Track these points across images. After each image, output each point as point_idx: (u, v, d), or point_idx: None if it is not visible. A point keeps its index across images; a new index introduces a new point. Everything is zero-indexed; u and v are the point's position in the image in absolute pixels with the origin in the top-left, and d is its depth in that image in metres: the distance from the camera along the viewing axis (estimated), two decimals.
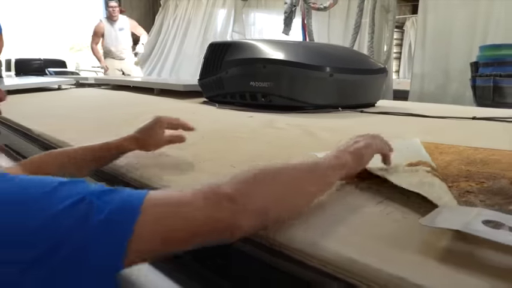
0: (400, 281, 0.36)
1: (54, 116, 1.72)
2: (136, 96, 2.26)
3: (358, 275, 0.38)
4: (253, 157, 0.82)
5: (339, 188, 0.59)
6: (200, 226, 0.39)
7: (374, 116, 1.39)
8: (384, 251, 0.40)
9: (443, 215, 0.41)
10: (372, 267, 0.38)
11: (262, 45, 1.59)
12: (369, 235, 0.44)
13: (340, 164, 0.53)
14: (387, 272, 0.36)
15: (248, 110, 1.51)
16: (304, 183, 0.49)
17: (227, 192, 0.41)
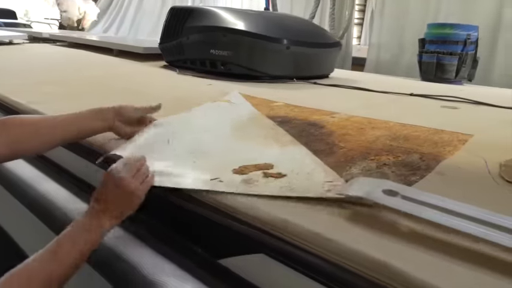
0: (315, 236, 0.46)
1: (8, 74, 1.69)
2: (94, 56, 2.23)
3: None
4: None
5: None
6: None
7: (325, 88, 1.49)
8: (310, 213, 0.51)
9: (353, 186, 0.52)
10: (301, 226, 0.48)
11: (224, 14, 1.63)
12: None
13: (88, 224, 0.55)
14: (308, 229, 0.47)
15: (208, 77, 1.57)
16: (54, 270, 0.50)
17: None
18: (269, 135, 0.82)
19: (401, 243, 0.45)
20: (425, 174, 0.62)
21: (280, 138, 0.80)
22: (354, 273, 0.43)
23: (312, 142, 0.78)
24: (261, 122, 0.92)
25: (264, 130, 0.86)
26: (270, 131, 0.85)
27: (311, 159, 0.67)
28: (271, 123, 0.91)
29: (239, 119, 0.92)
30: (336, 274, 0.45)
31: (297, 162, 0.66)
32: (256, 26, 1.54)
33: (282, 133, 0.83)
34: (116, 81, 1.54)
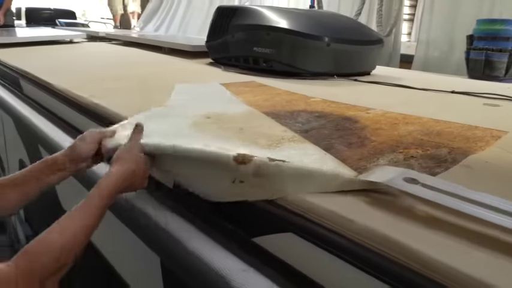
0: (338, 217, 0.52)
1: (72, 71, 1.85)
2: (147, 54, 2.37)
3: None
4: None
5: None
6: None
7: (364, 85, 1.51)
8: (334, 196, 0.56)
9: (375, 174, 0.56)
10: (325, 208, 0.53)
11: (268, 13, 1.69)
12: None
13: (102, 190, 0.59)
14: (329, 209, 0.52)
15: (251, 74, 1.64)
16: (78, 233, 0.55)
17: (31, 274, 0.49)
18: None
19: (418, 226, 0.49)
20: (450, 167, 0.64)
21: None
22: (373, 251, 0.48)
23: (345, 135, 0.82)
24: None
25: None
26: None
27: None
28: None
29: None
30: (356, 251, 0.50)
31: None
32: (298, 24, 1.59)
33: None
34: (168, 77, 1.65)
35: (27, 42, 2.67)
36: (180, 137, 0.72)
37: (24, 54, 2.35)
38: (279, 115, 1.00)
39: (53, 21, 4.72)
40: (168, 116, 0.90)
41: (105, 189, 0.60)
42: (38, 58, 2.26)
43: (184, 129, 0.79)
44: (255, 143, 0.70)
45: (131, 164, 0.65)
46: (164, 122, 0.84)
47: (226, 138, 0.72)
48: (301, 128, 0.89)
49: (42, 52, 2.50)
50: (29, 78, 1.70)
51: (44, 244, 0.53)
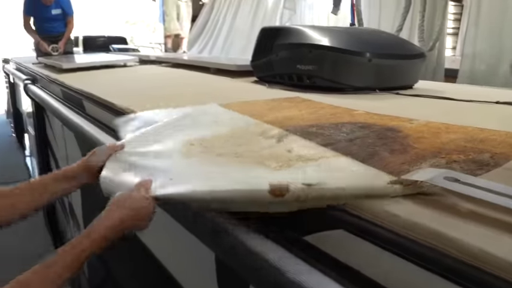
0: (394, 218, 0.57)
1: (129, 92, 2.02)
2: (195, 74, 2.52)
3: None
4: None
5: None
6: None
7: (406, 98, 1.54)
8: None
9: (418, 174, 0.61)
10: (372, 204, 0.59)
11: (310, 31, 1.77)
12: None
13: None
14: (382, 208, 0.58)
15: (295, 90, 1.71)
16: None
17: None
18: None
19: (460, 220, 0.53)
20: (491, 169, 0.68)
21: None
22: (417, 242, 0.52)
23: (388, 143, 0.87)
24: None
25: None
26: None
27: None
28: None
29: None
30: (401, 243, 0.54)
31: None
32: (339, 41, 1.65)
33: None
34: (217, 94, 1.76)
35: (86, 67, 2.91)
36: (186, 176, 0.69)
37: (84, 78, 2.57)
38: (323, 127, 1.06)
39: (106, 48, 5.09)
40: (157, 141, 0.86)
41: (97, 232, 0.59)
42: (97, 81, 2.47)
43: (181, 163, 0.76)
44: (266, 166, 0.69)
45: (131, 210, 0.63)
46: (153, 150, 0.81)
47: (237, 167, 0.70)
48: (345, 137, 0.94)
49: (100, 76, 2.72)
50: (92, 99, 1.87)
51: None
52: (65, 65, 2.87)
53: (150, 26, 13.43)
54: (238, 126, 0.96)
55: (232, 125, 0.98)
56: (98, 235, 0.59)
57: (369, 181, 0.62)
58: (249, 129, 0.95)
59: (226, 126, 0.96)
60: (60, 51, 4.23)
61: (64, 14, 4.28)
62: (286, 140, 0.85)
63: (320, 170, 0.67)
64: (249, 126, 0.97)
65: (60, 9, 4.26)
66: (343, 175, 0.65)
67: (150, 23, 13.42)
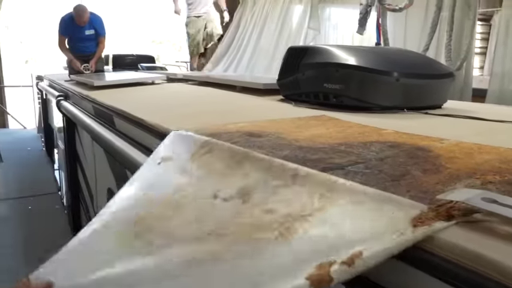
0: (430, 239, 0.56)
1: (158, 108, 2.07)
2: (220, 92, 2.56)
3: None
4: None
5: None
6: None
7: (436, 118, 1.52)
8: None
9: (454, 194, 0.60)
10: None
11: (337, 51, 1.79)
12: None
13: None
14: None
15: (321, 109, 1.72)
16: None
17: None
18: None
19: (499, 241, 0.52)
20: None
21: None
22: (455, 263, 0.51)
23: (420, 162, 0.86)
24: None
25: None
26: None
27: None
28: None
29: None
30: (438, 265, 0.53)
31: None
32: (366, 61, 1.66)
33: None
34: (243, 112, 1.79)
35: (116, 85, 3.01)
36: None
37: (114, 95, 2.66)
38: (352, 145, 1.06)
39: (135, 66, 5.26)
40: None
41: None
42: (127, 98, 2.54)
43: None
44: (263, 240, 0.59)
45: None
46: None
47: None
48: (375, 156, 0.94)
49: (130, 93, 2.80)
50: (122, 115, 1.93)
51: None
52: (96, 82, 2.97)
53: (176, 45, 13.79)
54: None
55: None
56: None
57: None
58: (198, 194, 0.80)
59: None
60: (92, 70, 4.39)
61: (96, 34, 4.46)
62: (252, 197, 0.72)
63: (336, 231, 0.58)
64: (197, 190, 0.82)
65: (93, 30, 4.44)
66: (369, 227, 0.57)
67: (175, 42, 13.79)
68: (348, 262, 0.51)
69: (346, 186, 0.66)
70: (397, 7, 3.17)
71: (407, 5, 3.14)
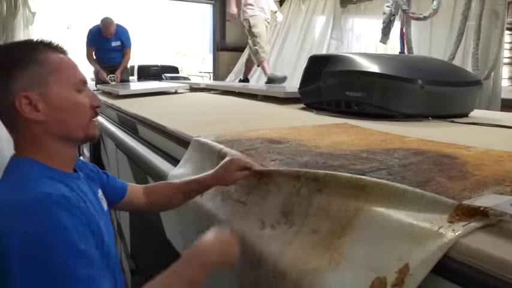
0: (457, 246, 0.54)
1: (179, 116, 2.09)
2: (242, 101, 2.57)
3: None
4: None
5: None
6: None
7: (462, 126, 1.47)
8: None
9: (481, 200, 0.57)
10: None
11: (359, 59, 1.77)
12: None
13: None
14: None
15: (343, 117, 1.70)
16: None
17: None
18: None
19: None
20: None
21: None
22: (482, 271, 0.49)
23: (446, 169, 0.83)
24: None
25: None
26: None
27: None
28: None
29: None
30: (464, 273, 0.51)
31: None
32: (389, 68, 1.63)
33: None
34: (265, 120, 1.78)
35: (140, 94, 3.07)
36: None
37: (138, 104, 2.70)
38: (374, 152, 1.04)
39: (159, 76, 5.34)
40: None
41: (191, 270, 0.68)
42: (150, 106, 2.58)
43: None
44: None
45: (222, 255, 0.72)
46: None
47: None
48: (398, 163, 0.91)
49: (153, 101, 2.84)
50: (145, 122, 1.96)
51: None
52: (121, 92, 3.04)
53: (199, 57, 14.02)
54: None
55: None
56: (191, 273, 0.68)
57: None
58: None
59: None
60: (117, 80, 4.50)
61: (122, 45, 4.57)
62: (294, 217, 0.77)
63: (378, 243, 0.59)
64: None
65: (119, 42, 4.55)
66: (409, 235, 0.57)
67: (199, 54, 14.02)
68: (398, 283, 0.52)
69: (376, 185, 0.65)
70: (422, 16, 3.12)
71: (432, 14, 3.09)
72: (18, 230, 0.57)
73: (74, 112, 0.73)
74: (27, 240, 0.56)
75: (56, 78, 0.71)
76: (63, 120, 0.71)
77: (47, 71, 0.70)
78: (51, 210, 0.59)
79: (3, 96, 0.68)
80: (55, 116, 0.70)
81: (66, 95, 0.72)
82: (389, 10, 3.35)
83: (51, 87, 0.70)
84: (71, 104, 0.72)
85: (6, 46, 0.78)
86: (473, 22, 3.41)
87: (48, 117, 0.70)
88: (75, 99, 0.73)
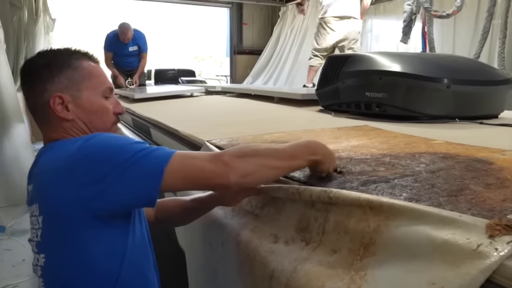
0: None
1: (193, 119, 2.04)
2: (258, 103, 2.51)
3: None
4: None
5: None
6: (203, 173, 0.67)
7: (492, 128, 1.37)
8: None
9: None
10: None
11: (379, 58, 1.68)
12: None
13: (310, 152, 0.74)
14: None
15: (362, 119, 1.61)
16: (277, 162, 0.71)
17: (225, 158, 0.67)
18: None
19: None
20: None
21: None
22: None
23: (480, 176, 0.74)
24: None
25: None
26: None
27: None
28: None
29: None
30: None
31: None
32: (413, 67, 1.54)
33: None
34: (281, 122, 1.71)
35: (155, 97, 3.04)
36: None
37: (153, 107, 2.67)
38: (398, 156, 0.95)
39: (176, 80, 5.34)
40: None
41: (301, 158, 0.74)
42: (165, 110, 2.54)
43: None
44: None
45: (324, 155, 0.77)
46: None
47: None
48: (425, 168, 0.83)
49: (168, 105, 2.81)
50: (158, 126, 1.91)
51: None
52: (137, 95, 3.02)
53: (218, 61, 14.11)
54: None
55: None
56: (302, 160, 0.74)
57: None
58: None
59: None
60: (136, 85, 4.51)
61: (139, 50, 4.58)
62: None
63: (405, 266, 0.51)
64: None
65: (136, 46, 4.57)
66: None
67: (217, 59, 14.12)
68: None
69: (399, 206, 0.56)
70: (445, 13, 2.99)
71: (455, 11, 2.96)
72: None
73: (99, 115, 0.82)
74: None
75: (87, 84, 0.80)
76: (89, 121, 0.80)
77: (81, 77, 0.80)
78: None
79: (40, 93, 0.78)
80: (82, 116, 0.79)
81: (94, 99, 0.81)
82: (410, 8, 3.24)
83: (82, 91, 0.79)
84: (98, 108, 0.81)
85: (49, 50, 0.84)
86: (499, 20, 3.26)
87: (77, 117, 0.79)
88: (101, 104, 0.82)
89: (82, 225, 0.67)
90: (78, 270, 0.69)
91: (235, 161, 0.67)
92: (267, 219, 0.82)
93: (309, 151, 0.75)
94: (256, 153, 0.70)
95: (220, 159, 0.67)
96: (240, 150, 0.70)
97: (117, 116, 0.85)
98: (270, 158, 0.71)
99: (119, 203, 0.67)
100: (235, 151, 0.70)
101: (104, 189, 0.65)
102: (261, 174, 0.70)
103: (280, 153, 0.72)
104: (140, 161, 0.66)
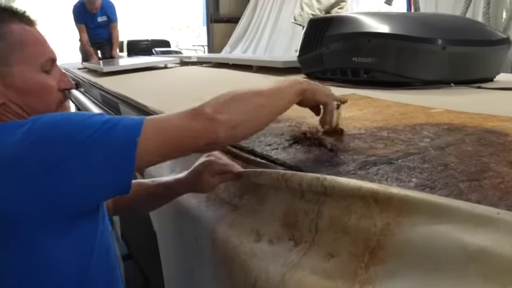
0: None
1: (165, 93, 1.87)
2: (236, 73, 2.34)
3: None
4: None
5: None
6: (186, 133, 0.56)
7: (493, 92, 1.26)
8: None
9: None
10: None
11: (366, 19, 1.53)
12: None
13: (293, 82, 0.67)
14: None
15: (349, 87, 1.48)
16: (263, 99, 0.62)
17: (206, 111, 0.56)
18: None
19: None
20: None
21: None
22: None
23: (499, 152, 0.62)
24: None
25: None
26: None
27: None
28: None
29: None
30: None
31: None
32: (404, 28, 1.40)
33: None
34: None
35: (126, 70, 2.83)
36: None
37: (123, 81, 2.48)
38: (396, 130, 0.83)
39: (149, 51, 5.07)
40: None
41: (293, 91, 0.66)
42: (135, 84, 2.35)
43: None
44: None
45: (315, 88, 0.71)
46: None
47: None
48: (432, 144, 0.70)
49: (139, 78, 2.61)
50: (126, 102, 1.74)
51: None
52: (106, 68, 2.80)
53: (195, 31, 13.63)
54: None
55: None
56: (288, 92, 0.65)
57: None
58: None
59: None
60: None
61: (109, 20, 4.30)
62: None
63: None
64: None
65: (106, 17, 4.28)
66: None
67: (195, 29, 13.63)
68: None
69: (414, 200, 0.43)
70: None
71: None
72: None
73: (39, 95, 0.64)
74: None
75: (19, 57, 0.61)
76: (26, 104, 0.63)
77: (10, 47, 0.61)
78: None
79: None
80: (16, 98, 0.62)
81: (30, 75, 0.63)
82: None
83: (12, 67, 0.61)
84: (36, 86, 0.63)
85: None
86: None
87: (8, 100, 0.61)
88: (40, 81, 0.64)
89: (39, 225, 0.53)
90: (31, 277, 0.56)
91: (219, 112, 0.57)
92: (247, 210, 0.68)
93: (291, 82, 0.67)
94: (238, 98, 0.60)
95: (201, 114, 0.56)
96: (221, 100, 0.59)
97: (63, 92, 0.68)
98: (255, 97, 0.61)
99: (85, 193, 0.54)
100: (215, 102, 0.59)
101: (64, 177, 0.52)
102: (251, 118, 0.61)
103: (263, 91, 0.63)
104: (105, 136, 0.53)
